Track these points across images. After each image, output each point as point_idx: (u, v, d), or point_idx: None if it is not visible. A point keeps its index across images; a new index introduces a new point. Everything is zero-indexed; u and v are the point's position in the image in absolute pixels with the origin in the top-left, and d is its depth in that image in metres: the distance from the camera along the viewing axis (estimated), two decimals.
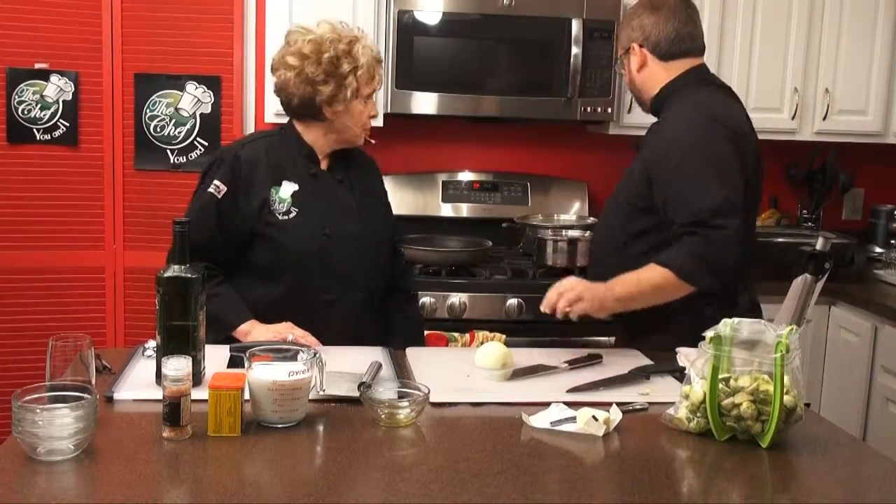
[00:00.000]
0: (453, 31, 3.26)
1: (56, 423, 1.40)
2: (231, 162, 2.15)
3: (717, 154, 2.14)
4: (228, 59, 3.41)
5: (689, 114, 2.21)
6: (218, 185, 2.14)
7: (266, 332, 2.07)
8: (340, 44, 2.12)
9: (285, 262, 2.14)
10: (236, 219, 2.14)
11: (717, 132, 2.16)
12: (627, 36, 2.33)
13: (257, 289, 2.16)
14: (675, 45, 2.28)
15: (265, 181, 2.15)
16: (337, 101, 2.13)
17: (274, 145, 2.21)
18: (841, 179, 3.75)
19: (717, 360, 1.61)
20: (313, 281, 2.15)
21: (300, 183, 2.17)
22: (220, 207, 2.13)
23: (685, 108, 2.23)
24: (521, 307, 3.03)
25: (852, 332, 3.20)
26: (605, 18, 3.25)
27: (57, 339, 1.64)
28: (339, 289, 2.17)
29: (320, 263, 2.14)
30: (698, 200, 2.08)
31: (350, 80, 2.12)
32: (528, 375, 1.95)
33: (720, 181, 2.11)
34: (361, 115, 2.17)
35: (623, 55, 2.36)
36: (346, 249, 2.17)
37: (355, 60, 2.12)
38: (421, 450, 1.58)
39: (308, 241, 2.14)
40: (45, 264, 3.39)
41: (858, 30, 3.49)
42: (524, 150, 3.74)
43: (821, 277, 1.89)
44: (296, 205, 2.15)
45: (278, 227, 2.13)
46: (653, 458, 1.57)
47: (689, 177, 2.12)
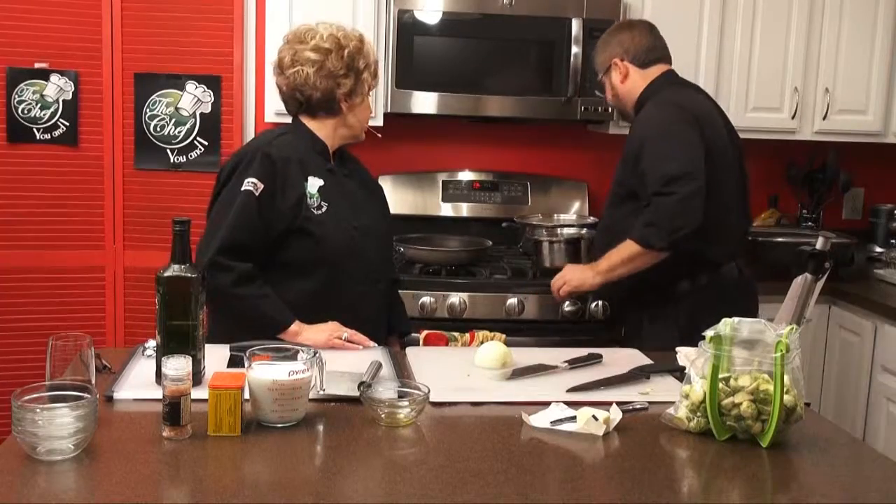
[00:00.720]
0: (453, 31, 3.26)
1: (56, 422, 1.40)
2: (262, 159, 2.12)
3: (678, 132, 2.46)
4: (228, 59, 3.41)
5: (659, 105, 2.55)
6: (255, 182, 2.09)
7: (317, 333, 2.08)
8: (355, 41, 2.19)
9: (322, 257, 2.15)
10: (274, 216, 2.11)
11: (681, 116, 2.50)
12: (608, 55, 2.66)
13: (290, 286, 2.14)
14: (651, 53, 2.64)
15: (297, 177, 2.15)
16: (355, 94, 2.20)
17: (295, 142, 2.21)
18: (841, 179, 3.74)
19: (717, 360, 1.61)
20: (347, 274, 2.18)
21: (323, 178, 2.19)
22: (259, 205, 2.09)
23: (656, 102, 2.57)
24: (521, 307, 3.03)
25: (852, 332, 3.20)
26: (605, 18, 3.24)
27: (57, 339, 1.64)
28: (367, 281, 2.23)
29: (352, 257, 2.18)
30: (656, 171, 2.41)
31: (366, 76, 2.20)
32: (528, 375, 1.94)
33: (676, 154, 2.42)
34: (367, 111, 2.27)
35: (604, 75, 2.69)
36: (371, 241, 2.23)
37: (367, 57, 2.21)
38: (421, 450, 1.58)
39: (341, 235, 2.17)
40: (45, 264, 3.39)
41: (858, 30, 3.49)
42: (524, 150, 3.74)
43: (821, 277, 1.89)
44: (325, 200, 2.17)
45: (315, 221, 2.14)
46: (653, 458, 1.57)
47: (652, 153, 2.45)
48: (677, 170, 2.39)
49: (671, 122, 2.50)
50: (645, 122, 2.56)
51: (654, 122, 2.53)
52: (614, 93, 2.68)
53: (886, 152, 3.78)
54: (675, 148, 2.45)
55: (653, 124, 2.53)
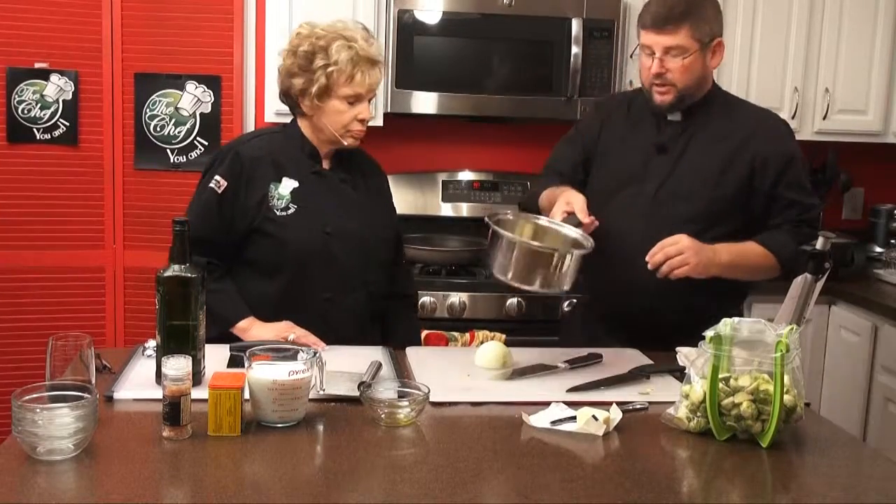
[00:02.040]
0: (453, 31, 3.26)
1: (56, 422, 1.40)
2: (232, 158, 2.16)
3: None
4: (228, 59, 3.41)
5: (774, 114, 2.33)
6: (218, 180, 2.14)
7: (266, 331, 2.07)
8: (321, 40, 2.10)
9: (284, 259, 2.13)
10: (236, 214, 2.14)
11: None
12: (710, 29, 2.16)
13: (256, 285, 2.16)
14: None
15: (265, 177, 2.15)
16: (307, 95, 2.11)
17: (277, 142, 2.21)
18: (841, 179, 3.74)
19: (717, 360, 1.61)
20: (312, 278, 2.14)
21: (302, 180, 2.16)
22: (220, 202, 2.13)
23: (759, 108, 2.34)
24: (521, 307, 3.03)
25: (852, 332, 3.20)
26: (605, 18, 3.25)
27: (57, 339, 1.64)
28: (339, 288, 2.16)
29: (320, 261, 2.14)
30: (806, 199, 2.23)
31: (319, 76, 2.08)
32: (528, 375, 1.95)
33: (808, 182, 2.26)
34: (341, 115, 2.11)
35: (696, 51, 2.14)
36: (346, 248, 2.17)
37: (328, 57, 2.07)
38: (421, 450, 1.58)
39: (307, 238, 2.13)
40: (45, 264, 3.39)
41: (858, 30, 3.49)
42: (524, 150, 3.74)
43: (821, 277, 1.89)
44: (295, 202, 2.14)
45: (276, 223, 2.13)
46: (653, 458, 1.57)
47: (800, 176, 2.25)
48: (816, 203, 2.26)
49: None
50: (787, 136, 2.28)
51: (792, 137, 2.30)
52: (702, 74, 2.19)
53: (886, 152, 3.78)
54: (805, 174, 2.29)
55: (793, 140, 2.29)
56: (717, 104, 2.26)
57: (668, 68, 2.14)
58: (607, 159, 2.32)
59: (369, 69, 2.10)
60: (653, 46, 2.14)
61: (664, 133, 2.25)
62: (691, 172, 2.21)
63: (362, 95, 2.12)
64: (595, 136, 2.35)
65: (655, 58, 2.14)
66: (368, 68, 2.10)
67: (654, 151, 2.25)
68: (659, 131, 2.26)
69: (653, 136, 2.26)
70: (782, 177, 2.20)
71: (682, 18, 2.11)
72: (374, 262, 2.22)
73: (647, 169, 2.24)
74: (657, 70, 2.15)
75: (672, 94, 2.17)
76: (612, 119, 2.35)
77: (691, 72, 2.15)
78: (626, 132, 2.31)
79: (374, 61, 2.11)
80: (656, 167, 2.23)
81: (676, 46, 2.12)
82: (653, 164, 2.24)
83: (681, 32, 2.12)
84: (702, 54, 2.15)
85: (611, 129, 2.34)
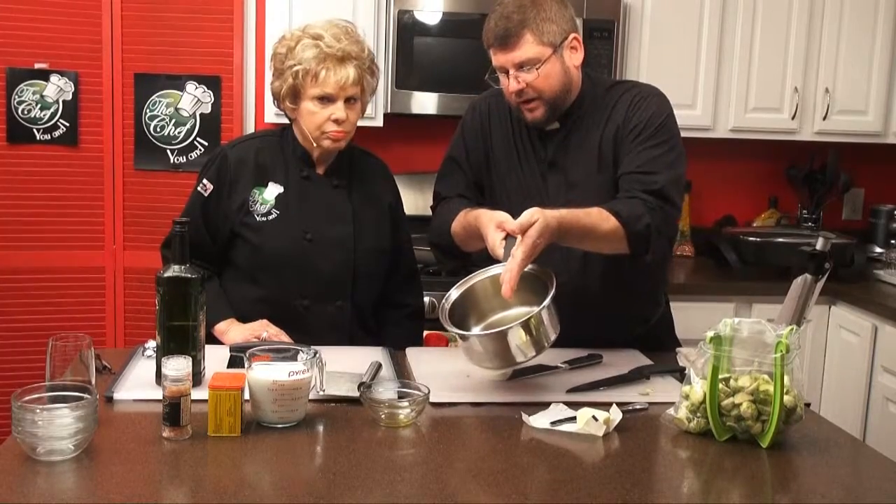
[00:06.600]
0: (453, 32, 3.25)
1: (56, 423, 1.40)
2: (220, 160, 2.17)
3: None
4: (228, 59, 3.41)
5: (656, 90, 2.11)
6: (205, 183, 2.16)
7: (241, 332, 2.07)
8: (291, 41, 2.08)
9: (262, 264, 2.13)
10: (218, 217, 2.15)
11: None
12: (559, 28, 1.98)
13: (240, 288, 2.16)
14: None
15: (249, 181, 2.15)
16: (281, 97, 2.12)
17: (267, 146, 2.20)
18: (841, 179, 3.75)
19: (717, 360, 1.61)
20: (290, 285, 2.12)
21: (288, 185, 2.15)
22: (205, 205, 2.15)
23: (648, 87, 2.12)
24: None
25: (852, 332, 3.20)
26: (605, 18, 3.25)
27: (57, 339, 1.64)
28: (318, 296, 2.13)
29: (298, 268, 2.11)
30: (671, 169, 2.01)
31: (287, 77, 2.07)
32: (528, 375, 1.94)
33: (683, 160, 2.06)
34: (314, 116, 2.07)
35: (550, 57, 1.97)
36: (329, 256, 2.13)
37: (294, 58, 2.05)
38: (421, 450, 1.58)
39: (286, 244, 2.12)
40: (45, 264, 3.39)
41: (858, 30, 3.49)
42: None
43: (821, 277, 1.89)
44: (278, 207, 2.13)
45: (254, 228, 2.12)
46: (653, 458, 1.57)
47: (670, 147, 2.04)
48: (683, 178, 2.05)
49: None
50: (645, 100, 2.05)
51: (656, 102, 2.05)
52: (568, 77, 2.03)
53: (886, 152, 3.78)
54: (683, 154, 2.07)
55: (655, 106, 2.04)
56: (589, 99, 2.08)
57: (527, 83, 1.97)
58: (502, 176, 2.15)
59: (336, 66, 2.03)
60: (504, 65, 1.99)
61: (548, 146, 2.10)
62: (585, 179, 2.07)
63: (332, 95, 2.05)
64: (481, 155, 2.17)
65: (510, 76, 1.98)
66: (335, 65, 2.03)
67: (546, 166, 2.11)
68: (543, 143, 2.11)
69: (540, 149, 2.11)
70: (634, 139, 2.02)
71: (522, 27, 1.95)
72: (362, 272, 2.17)
73: (547, 182, 2.10)
74: (516, 88, 1.98)
75: (541, 108, 2.01)
76: (492, 128, 2.17)
77: (552, 79, 1.98)
78: (514, 143, 2.14)
79: (342, 58, 2.04)
80: (553, 184, 2.09)
81: (526, 60, 1.96)
82: (549, 179, 2.10)
83: (525, 44, 1.95)
84: (558, 58, 1.98)
85: (497, 140, 2.16)
